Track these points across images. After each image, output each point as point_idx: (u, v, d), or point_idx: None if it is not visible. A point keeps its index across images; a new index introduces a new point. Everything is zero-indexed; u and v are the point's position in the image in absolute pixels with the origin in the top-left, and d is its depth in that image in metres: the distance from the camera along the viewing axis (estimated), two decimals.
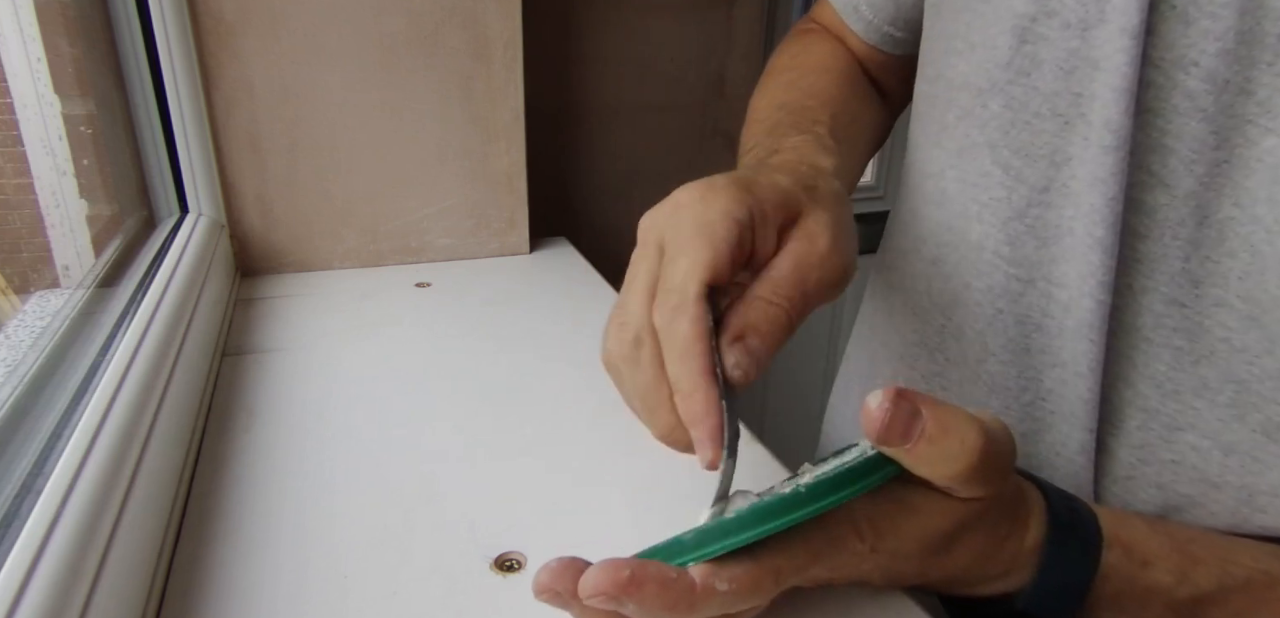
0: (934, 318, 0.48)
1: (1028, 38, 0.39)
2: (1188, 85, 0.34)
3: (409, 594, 0.38)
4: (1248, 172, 0.34)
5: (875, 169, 2.17)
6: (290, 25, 0.70)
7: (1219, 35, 0.33)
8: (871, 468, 0.29)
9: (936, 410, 0.28)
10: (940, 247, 0.47)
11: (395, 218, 0.80)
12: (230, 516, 0.43)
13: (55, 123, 0.68)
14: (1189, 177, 0.35)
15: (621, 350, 0.32)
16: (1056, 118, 0.38)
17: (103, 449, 0.36)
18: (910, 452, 0.28)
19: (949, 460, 0.28)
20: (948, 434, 0.28)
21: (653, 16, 1.03)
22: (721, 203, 0.31)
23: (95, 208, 0.72)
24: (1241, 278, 0.35)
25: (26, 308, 0.66)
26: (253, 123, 0.72)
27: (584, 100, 1.04)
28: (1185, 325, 0.37)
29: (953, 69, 0.44)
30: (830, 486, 0.28)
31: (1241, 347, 0.35)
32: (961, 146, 0.44)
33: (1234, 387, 0.36)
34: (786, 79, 0.55)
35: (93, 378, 0.43)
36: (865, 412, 0.28)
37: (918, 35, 0.53)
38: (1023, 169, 0.40)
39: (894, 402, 0.28)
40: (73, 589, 0.29)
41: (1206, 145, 0.34)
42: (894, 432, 0.28)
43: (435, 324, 0.68)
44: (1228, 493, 0.38)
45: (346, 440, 0.50)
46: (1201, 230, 0.35)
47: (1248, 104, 0.33)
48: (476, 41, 0.76)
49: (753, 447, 0.50)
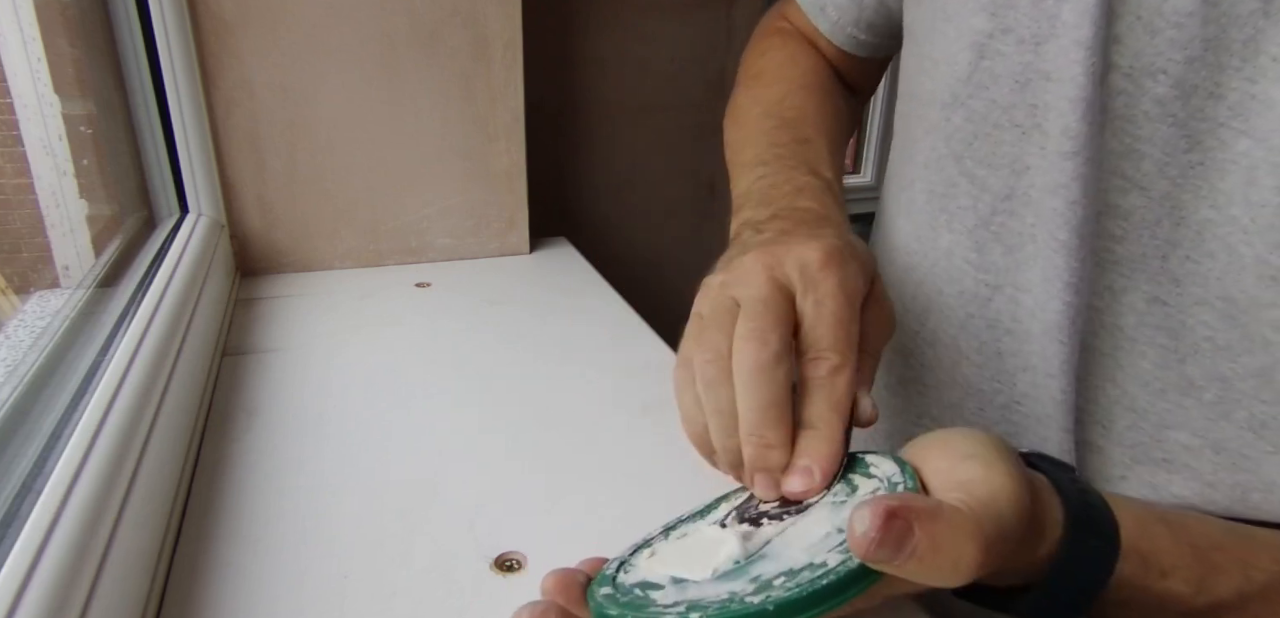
0: (909, 323, 0.49)
1: (985, 53, 0.40)
2: (1156, 92, 0.35)
3: (409, 594, 0.38)
4: (1222, 173, 0.34)
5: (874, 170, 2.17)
6: (290, 25, 0.70)
7: (1185, 43, 0.34)
8: (851, 581, 0.26)
9: (930, 529, 0.25)
10: (912, 255, 0.48)
11: (395, 218, 0.80)
12: (230, 516, 0.43)
13: (55, 123, 0.68)
14: (1163, 179, 0.36)
15: (759, 362, 0.32)
16: (1015, 128, 0.40)
17: (103, 449, 0.36)
18: (900, 568, 0.26)
19: (941, 577, 0.26)
20: (939, 553, 0.26)
21: (653, 16, 1.03)
22: (854, 275, 0.34)
23: (95, 208, 0.72)
24: (1220, 278, 0.35)
25: (26, 308, 0.66)
26: (253, 123, 0.72)
27: (584, 100, 1.04)
28: (1167, 324, 0.37)
29: (920, 87, 0.46)
30: (805, 603, 0.25)
31: (1224, 345, 0.36)
32: (928, 159, 0.46)
33: (1219, 385, 0.37)
34: (778, 92, 0.56)
35: (93, 378, 0.43)
36: (850, 532, 0.25)
37: (880, 39, 0.56)
38: (986, 178, 0.42)
39: (884, 525, 0.25)
40: (73, 589, 0.29)
41: (1178, 149, 0.35)
42: (883, 553, 0.25)
43: (435, 324, 0.68)
44: (1222, 492, 0.38)
45: (346, 441, 0.50)
46: (1178, 231, 0.36)
47: (1219, 108, 0.34)
48: (476, 41, 0.76)
49: None
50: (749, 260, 0.35)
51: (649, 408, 0.55)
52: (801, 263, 0.34)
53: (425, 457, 0.48)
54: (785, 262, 0.34)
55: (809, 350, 0.33)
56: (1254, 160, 0.33)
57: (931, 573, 0.26)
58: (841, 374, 0.32)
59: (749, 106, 0.57)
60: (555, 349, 0.63)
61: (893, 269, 0.50)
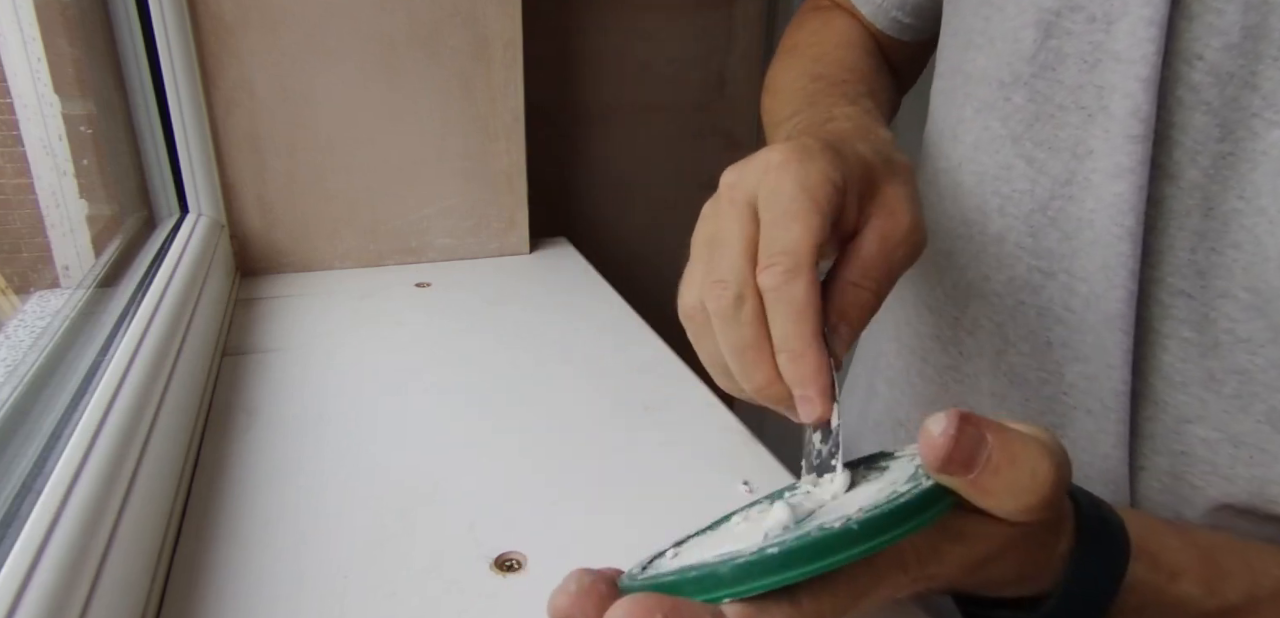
0: (948, 310, 0.48)
1: (1053, 32, 0.39)
2: (1192, 78, 0.35)
3: (408, 595, 0.38)
4: (1253, 165, 0.34)
5: None
6: (290, 25, 0.70)
7: (1224, 30, 0.33)
8: (928, 501, 0.26)
9: (1004, 437, 0.26)
10: (955, 239, 0.47)
11: (395, 218, 0.80)
12: (230, 516, 0.43)
13: (55, 123, 0.68)
14: (1194, 168, 0.35)
15: (719, 307, 0.31)
16: (1080, 110, 0.39)
17: (103, 449, 0.36)
18: (974, 484, 0.26)
19: (1017, 494, 0.26)
20: (1016, 464, 0.26)
21: (653, 16, 1.03)
22: (821, 167, 0.30)
23: (95, 208, 0.72)
24: (1245, 269, 0.35)
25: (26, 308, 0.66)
26: (253, 123, 0.72)
27: (584, 100, 1.04)
28: (1192, 317, 0.37)
29: (971, 63, 0.44)
30: (886, 521, 0.25)
31: (1245, 337, 0.36)
32: (979, 140, 0.44)
33: (1238, 378, 0.36)
34: (814, 52, 0.54)
35: (93, 378, 0.43)
36: (925, 437, 0.25)
37: (924, 21, 0.54)
38: (1047, 161, 0.40)
39: (959, 427, 0.25)
40: (73, 589, 0.29)
41: (1211, 137, 0.35)
42: (956, 461, 0.25)
43: (435, 324, 0.68)
44: (1239, 486, 0.37)
45: (346, 440, 0.50)
46: (1207, 222, 0.36)
47: (1253, 98, 0.33)
48: (476, 41, 0.76)
49: (752, 446, 0.50)
50: (719, 189, 0.33)
51: (649, 407, 0.55)
52: (764, 166, 0.31)
53: (425, 457, 0.49)
54: (747, 175, 0.32)
55: (760, 258, 0.30)
56: None
57: (1008, 491, 0.26)
58: (796, 278, 0.29)
59: (783, 74, 0.55)
60: (555, 349, 0.63)
61: (930, 254, 0.48)
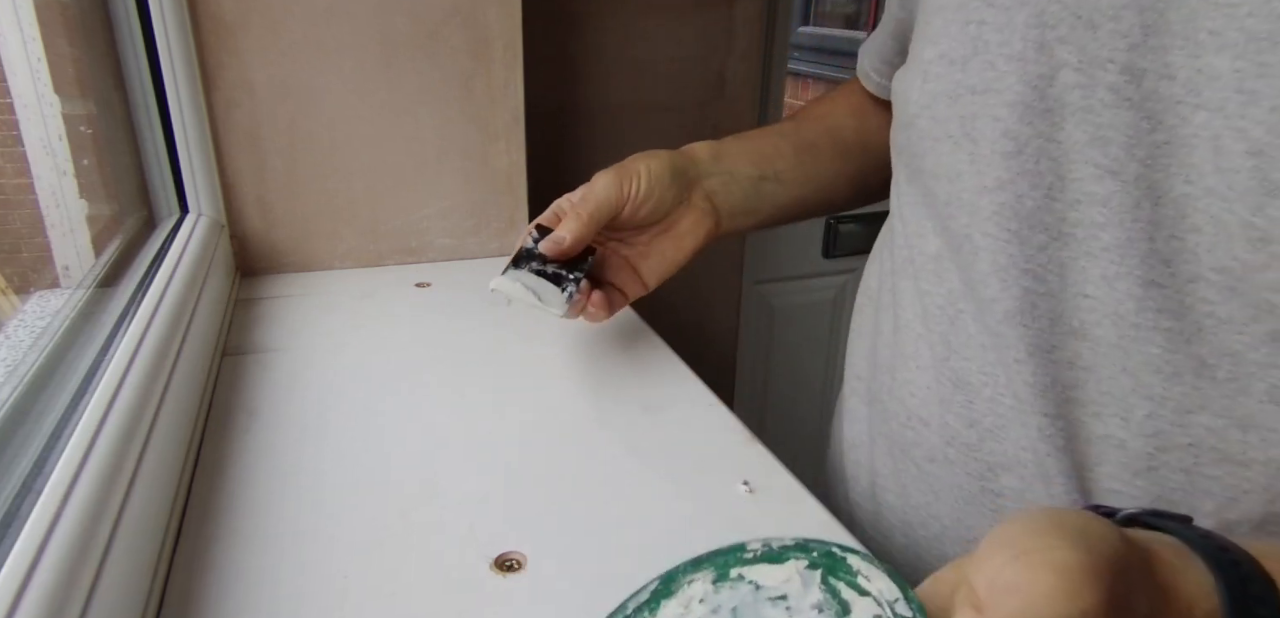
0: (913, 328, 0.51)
1: (929, 78, 0.45)
2: (1109, 80, 0.36)
3: (408, 594, 0.38)
4: (1189, 148, 0.35)
5: None
6: (290, 25, 0.70)
7: (1125, 33, 0.35)
8: None
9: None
10: (937, 244, 0.50)
11: (395, 218, 0.80)
12: (230, 516, 0.43)
13: (55, 123, 0.68)
14: (1133, 161, 0.36)
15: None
16: (948, 140, 0.44)
17: (103, 449, 0.36)
18: None
19: None
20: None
21: (653, 16, 1.03)
22: (598, 192, 0.58)
23: (95, 208, 0.72)
24: (1210, 250, 0.35)
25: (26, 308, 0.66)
26: (253, 123, 0.72)
27: (584, 100, 1.04)
28: (1168, 306, 0.37)
29: (897, 110, 0.52)
30: None
31: (1226, 318, 0.36)
32: (909, 166, 0.51)
33: (1230, 360, 0.36)
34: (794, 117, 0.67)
35: (93, 378, 0.43)
36: None
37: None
38: (934, 188, 0.46)
39: None
40: (73, 589, 0.29)
41: (1142, 130, 0.36)
42: None
43: (435, 324, 0.68)
44: (1255, 470, 0.37)
45: (346, 440, 0.50)
46: (1159, 210, 0.36)
47: (1172, 87, 0.35)
48: (476, 41, 0.76)
49: (752, 446, 0.50)
50: None
51: (649, 408, 0.55)
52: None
53: (425, 457, 0.49)
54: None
55: None
56: (1215, 130, 0.33)
57: None
58: (565, 228, 0.56)
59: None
60: (555, 349, 0.64)
61: (921, 259, 0.52)
